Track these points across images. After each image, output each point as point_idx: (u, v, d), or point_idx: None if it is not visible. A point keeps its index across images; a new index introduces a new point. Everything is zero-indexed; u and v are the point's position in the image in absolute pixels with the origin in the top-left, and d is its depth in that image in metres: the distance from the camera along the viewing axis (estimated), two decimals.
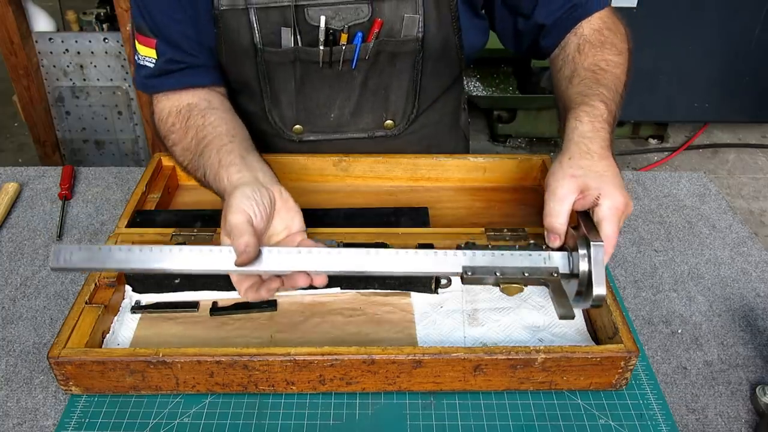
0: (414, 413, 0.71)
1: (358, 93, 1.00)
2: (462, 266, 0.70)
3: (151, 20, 0.91)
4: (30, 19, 2.18)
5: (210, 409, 0.71)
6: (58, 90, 2.31)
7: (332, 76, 0.97)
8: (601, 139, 0.76)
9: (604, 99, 0.80)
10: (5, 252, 0.94)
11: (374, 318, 0.80)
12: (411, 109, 1.03)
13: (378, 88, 1.00)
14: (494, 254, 0.71)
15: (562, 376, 0.71)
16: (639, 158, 2.99)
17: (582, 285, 0.69)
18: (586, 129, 0.76)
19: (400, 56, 0.96)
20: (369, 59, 0.95)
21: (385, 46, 0.94)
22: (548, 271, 0.71)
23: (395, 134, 1.06)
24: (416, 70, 0.98)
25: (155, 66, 0.92)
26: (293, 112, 1.02)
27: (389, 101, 1.02)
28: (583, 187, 0.72)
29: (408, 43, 0.94)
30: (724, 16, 2.52)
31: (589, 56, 0.88)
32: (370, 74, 0.98)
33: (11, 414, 0.71)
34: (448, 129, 1.15)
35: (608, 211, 0.70)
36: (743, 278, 0.92)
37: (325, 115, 1.02)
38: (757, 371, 0.78)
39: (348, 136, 1.05)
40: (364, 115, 1.03)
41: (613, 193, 0.71)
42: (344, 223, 0.90)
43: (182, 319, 0.80)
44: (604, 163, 0.74)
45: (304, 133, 1.04)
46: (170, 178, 1.02)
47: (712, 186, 1.12)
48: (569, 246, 0.72)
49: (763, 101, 2.80)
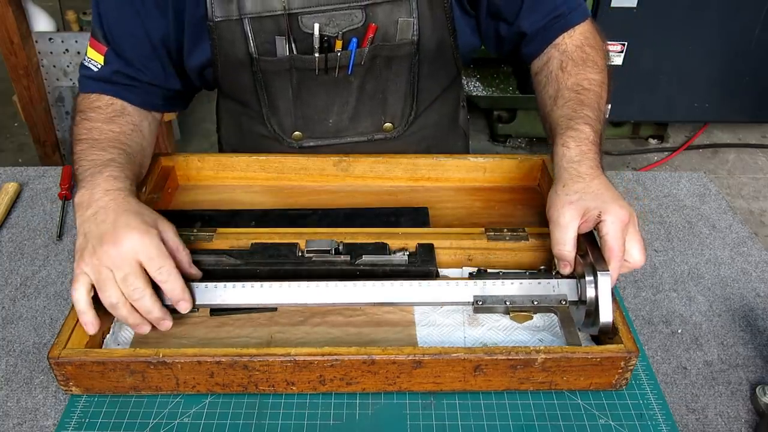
0: (414, 413, 0.71)
1: (356, 98, 1.00)
2: (473, 296, 0.75)
3: (108, 29, 0.91)
4: (30, 19, 2.18)
5: (210, 409, 0.71)
6: (58, 90, 2.31)
7: (329, 83, 0.97)
8: (589, 160, 0.79)
9: (588, 121, 0.83)
10: (5, 252, 0.94)
11: (374, 318, 0.80)
12: (409, 111, 1.03)
13: (375, 93, 1.00)
14: (504, 283, 0.76)
15: (562, 376, 0.71)
16: (639, 158, 2.99)
17: (590, 312, 0.73)
18: (573, 154, 0.80)
19: (396, 60, 0.96)
20: (365, 64, 0.95)
21: (381, 51, 0.94)
22: (557, 299, 0.75)
23: (394, 136, 1.06)
24: (413, 73, 0.98)
25: (98, 71, 0.92)
26: (291, 119, 1.02)
27: (387, 105, 1.02)
28: (583, 210, 0.74)
29: (403, 46, 0.94)
30: (724, 16, 2.52)
31: (572, 75, 0.90)
32: (366, 79, 0.98)
33: (11, 414, 0.71)
34: (447, 128, 1.15)
35: (612, 226, 0.72)
36: (743, 278, 0.92)
37: (323, 121, 1.02)
38: (757, 371, 0.78)
39: (347, 141, 1.05)
40: (362, 119, 1.03)
41: (612, 209, 0.73)
42: (344, 223, 0.90)
43: (182, 320, 0.80)
44: (596, 183, 0.77)
45: (303, 140, 1.05)
46: (170, 178, 1.02)
47: (712, 186, 1.12)
48: (577, 273, 0.75)
49: (763, 101, 2.80)
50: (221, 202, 1.01)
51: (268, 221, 0.91)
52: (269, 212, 0.94)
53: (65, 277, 0.89)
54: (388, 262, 0.80)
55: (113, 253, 0.68)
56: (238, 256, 0.81)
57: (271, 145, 1.07)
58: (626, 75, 2.64)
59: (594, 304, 0.72)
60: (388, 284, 0.75)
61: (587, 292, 0.72)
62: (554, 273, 0.79)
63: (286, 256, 0.81)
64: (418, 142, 1.09)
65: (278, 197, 1.03)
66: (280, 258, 0.81)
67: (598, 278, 0.71)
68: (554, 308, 0.77)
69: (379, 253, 0.81)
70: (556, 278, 0.76)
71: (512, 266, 0.88)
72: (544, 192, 1.02)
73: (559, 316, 0.79)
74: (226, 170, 1.04)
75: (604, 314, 0.71)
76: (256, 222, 0.91)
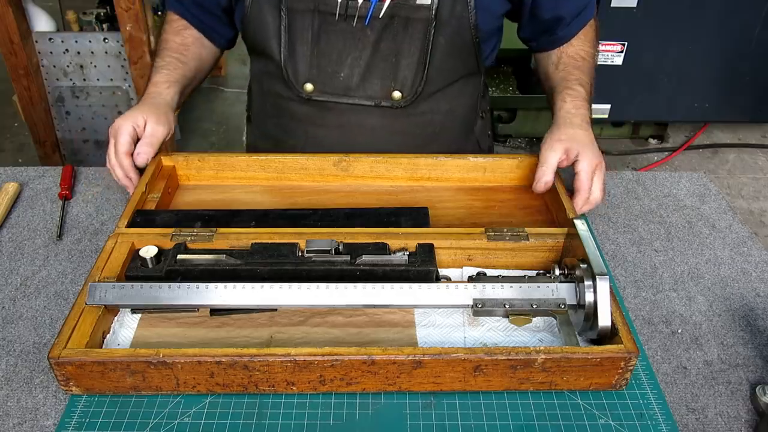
0: (414, 413, 0.71)
1: (370, 54, 1.03)
2: (473, 299, 0.76)
3: None
4: (30, 19, 2.19)
5: (210, 409, 0.71)
6: (58, 90, 2.31)
7: (347, 32, 1.02)
8: (581, 114, 1.00)
9: (582, 83, 1.04)
10: (5, 252, 0.94)
11: (374, 318, 0.80)
12: (419, 81, 1.05)
13: (389, 53, 1.03)
14: (503, 287, 0.77)
15: (562, 376, 0.71)
16: (639, 158, 2.99)
17: (588, 316, 0.74)
18: (570, 107, 1.00)
19: (413, 23, 1.00)
20: (383, 20, 1.00)
21: (399, 10, 0.99)
22: (556, 303, 0.76)
23: (402, 106, 1.07)
24: (427, 40, 1.02)
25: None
26: (306, 66, 1.05)
27: (399, 69, 1.04)
28: (566, 148, 0.94)
29: (421, 9, 0.99)
30: (724, 16, 2.52)
31: (572, 45, 1.09)
32: (383, 36, 1.02)
33: (11, 414, 0.71)
34: (458, 126, 1.17)
35: (584, 165, 0.92)
36: (743, 278, 0.92)
37: (335, 74, 1.05)
38: (757, 371, 0.78)
39: (355, 102, 1.07)
40: (373, 80, 1.05)
41: (587, 154, 0.93)
42: (344, 223, 0.90)
43: (182, 320, 0.80)
44: (582, 132, 0.96)
45: (314, 93, 1.07)
46: (170, 178, 1.02)
47: (712, 186, 1.12)
48: (576, 278, 0.76)
49: (763, 101, 2.79)
50: (221, 202, 1.01)
51: (268, 221, 0.91)
52: (269, 212, 0.94)
53: (65, 277, 0.89)
54: (388, 262, 0.80)
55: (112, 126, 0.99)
56: (238, 256, 0.81)
57: (283, 103, 1.12)
58: (626, 75, 2.64)
59: (592, 308, 0.73)
60: (388, 287, 0.75)
61: (586, 297, 0.73)
62: (551, 276, 0.80)
63: (286, 256, 0.81)
64: (424, 126, 1.11)
65: (278, 197, 1.03)
66: (280, 258, 0.81)
67: (597, 283, 0.72)
68: (553, 312, 0.77)
69: (379, 253, 0.81)
70: (555, 282, 0.77)
71: (512, 266, 0.88)
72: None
73: (558, 319, 0.79)
74: (226, 170, 1.04)
75: (603, 318, 0.71)
76: (256, 222, 0.91)
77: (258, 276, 0.80)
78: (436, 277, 0.81)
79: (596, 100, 2.69)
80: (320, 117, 1.10)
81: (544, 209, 1.01)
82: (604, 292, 0.72)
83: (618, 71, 2.62)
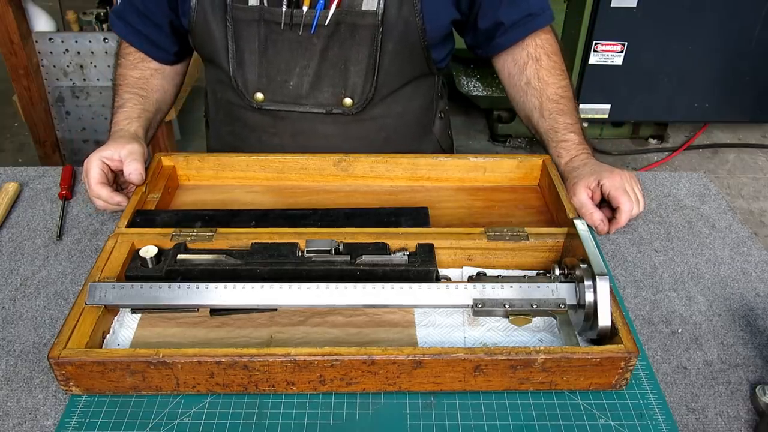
0: (414, 413, 0.71)
1: (318, 61, 1.03)
2: (473, 299, 0.76)
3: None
4: (30, 19, 2.19)
5: (210, 409, 0.71)
6: (58, 90, 2.31)
7: (293, 40, 1.01)
8: (581, 158, 1.01)
9: (571, 129, 1.03)
10: (5, 252, 0.94)
11: (374, 318, 0.80)
12: (369, 88, 1.05)
13: (337, 60, 1.03)
14: (503, 287, 0.77)
15: (562, 376, 0.71)
16: (639, 158, 2.99)
17: (588, 316, 0.74)
18: (565, 161, 1.02)
19: (360, 29, 0.99)
20: (329, 27, 0.99)
21: (345, 17, 0.98)
22: (556, 303, 0.76)
23: (353, 113, 1.07)
24: (375, 47, 1.01)
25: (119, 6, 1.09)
26: (255, 76, 1.05)
27: (348, 75, 1.04)
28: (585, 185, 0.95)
29: (367, 15, 0.98)
30: (724, 16, 2.52)
31: (549, 85, 1.06)
32: (330, 44, 1.01)
33: (11, 414, 0.71)
34: (413, 128, 1.17)
35: (609, 183, 0.93)
36: (743, 278, 0.92)
37: (285, 82, 1.05)
38: (757, 371, 0.78)
39: (307, 110, 1.07)
40: (323, 87, 1.05)
41: (605, 175, 0.94)
42: (344, 223, 0.90)
43: (182, 320, 0.80)
44: (588, 167, 0.98)
45: (264, 102, 1.07)
46: (170, 178, 1.02)
47: (712, 186, 1.12)
48: (576, 278, 0.76)
49: (763, 101, 2.79)
50: (221, 202, 1.01)
51: (268, 221, 0.91)
52: (269, 212, 0.94)
53: (65, 277, 0.89)
54: (388, 262, 0.80)
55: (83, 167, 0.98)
56: (238, 256, 0.81)
57: (236, 111, 1.11)
58: (626, 75, 2.64)
59: (592, 308, 0.73)
60: (388, 287, 0.75)
61: (586, 297, 0.73)
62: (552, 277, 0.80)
63: (286, 256, 0.81)
64: (378, 130, 1.11)
65: (278, 197, 1.03)
66: (280, 258, 0.81)
67: (597, 282, 0.72)
68: (553, 312, 0.77)
69: (379, 253, 0.81)
70: (555, 282, 0.77)
71: (512, 266, 0.88)
72: (545, 192, 1.02)
73: (558, 319, 0.79)
74: (226, 170, 1.04)
75: (603, 318, 0.71)
76: (256, 222, 0.91)
77: (258, 276, 0.80)
78: (436, 277, 0.81)
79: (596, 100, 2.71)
80: (273, 125, 1.10)
81: (544, 209, 1.01)
82: (604, 292, 0.72)
83: (618, 71, 2.62)
